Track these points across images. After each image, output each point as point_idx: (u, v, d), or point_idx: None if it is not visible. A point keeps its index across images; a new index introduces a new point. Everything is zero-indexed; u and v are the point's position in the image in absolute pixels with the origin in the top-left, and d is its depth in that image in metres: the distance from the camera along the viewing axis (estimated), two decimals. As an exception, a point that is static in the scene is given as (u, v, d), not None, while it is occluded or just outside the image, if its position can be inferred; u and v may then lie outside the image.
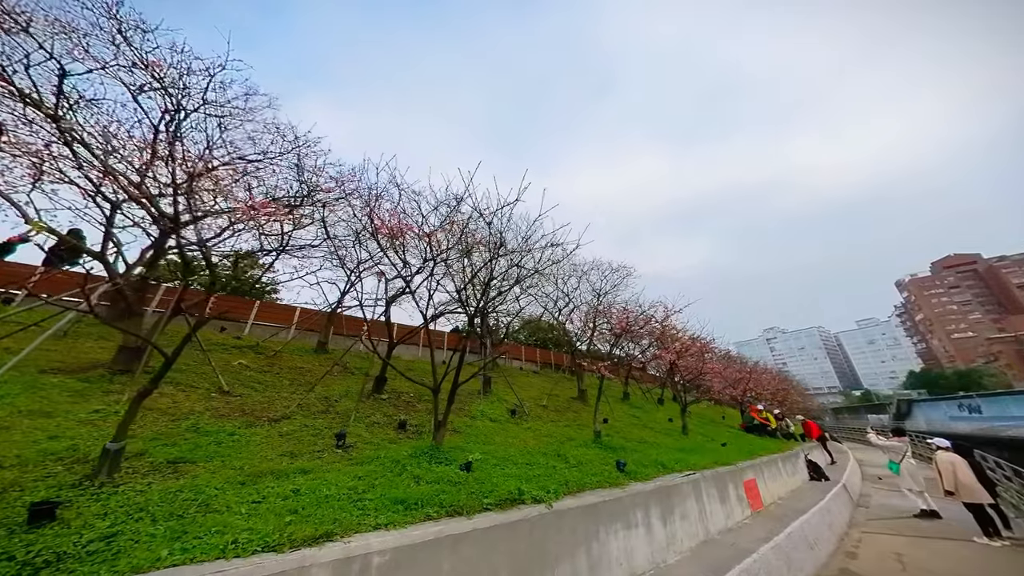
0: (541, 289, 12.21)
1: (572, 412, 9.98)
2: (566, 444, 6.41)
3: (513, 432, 6.86)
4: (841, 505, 7.96)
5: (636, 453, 6.29)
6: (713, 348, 11.93)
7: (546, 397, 10.39)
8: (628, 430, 8.90)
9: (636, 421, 10.35)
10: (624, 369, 13.94)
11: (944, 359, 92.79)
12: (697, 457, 6.56)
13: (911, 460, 8.67)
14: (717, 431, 11.36)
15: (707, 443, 8.56)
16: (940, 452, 7.17)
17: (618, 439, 7.54)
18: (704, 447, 7.68)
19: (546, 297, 12.38)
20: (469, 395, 9.44)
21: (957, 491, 6.74)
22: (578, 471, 4.72)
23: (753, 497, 6.39)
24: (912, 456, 8.67)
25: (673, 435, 9.23)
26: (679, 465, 5.61)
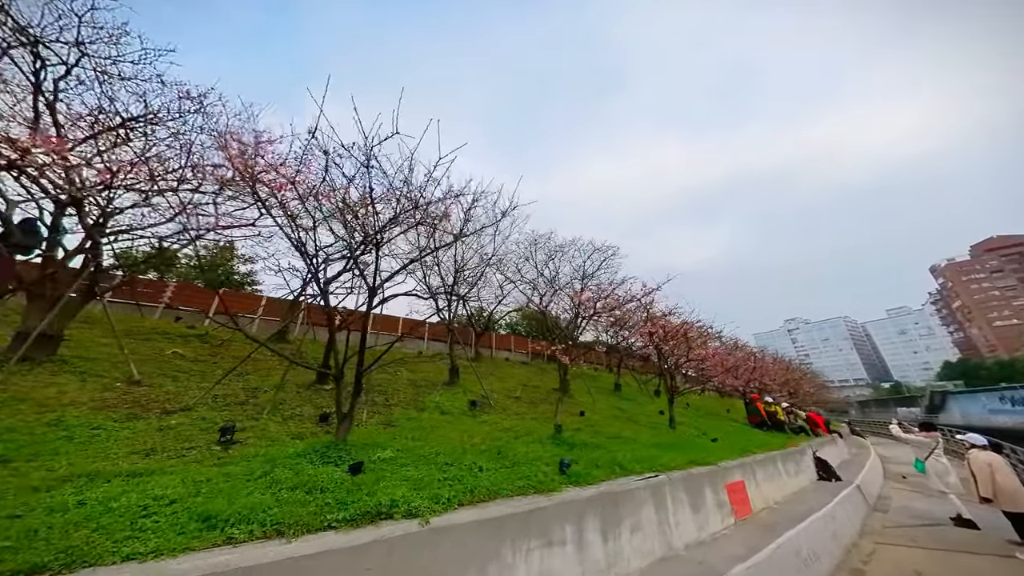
0: (523, 274, 11.36)
1: (548, 404, 9.14)
2: (518, 440, 5.60)
3: (464, 426, 6.11)
4: (852, 510, 6.87)
5: (599, 451, 5.42)
6: (707, 333, 10.78)
7: (521, 388, 9.59)
8: (607, 424, 8.01)
9: (620, 414, 9.43)
10: (616, 358, 12.96)
11: (984, 348, 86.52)
12: (673, 455, 5.63)
13: (941, 458, 7.42)
14: (715, 425, 10.31)
15: (695, 439, 7.59)
16: (975, 451, 5.98)
17: (588, 434, 6.68)
18: (689, 443, 6.73)
19: (528, 282, 11.52)
20: (432, 385, 8.74)
21: (996, 497, 5.58)
22: (507, 473, 3.91)
23: (739, 502, 5.42)
24: (944, 453, 7.43)
25: (659, 429, 8.28)
26: (641, 466, 4.71)
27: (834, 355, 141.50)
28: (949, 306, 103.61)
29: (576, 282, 10.87)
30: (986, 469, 5.68)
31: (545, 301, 11.17)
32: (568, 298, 11.03)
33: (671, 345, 9.03)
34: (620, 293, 8.67)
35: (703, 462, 5.50)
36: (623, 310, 8.97)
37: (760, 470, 6.39)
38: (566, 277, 11.37)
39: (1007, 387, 41.13)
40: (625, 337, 11.87)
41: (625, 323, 11.31)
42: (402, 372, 9.59)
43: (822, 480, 8.51)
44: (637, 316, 10.16)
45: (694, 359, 9.40)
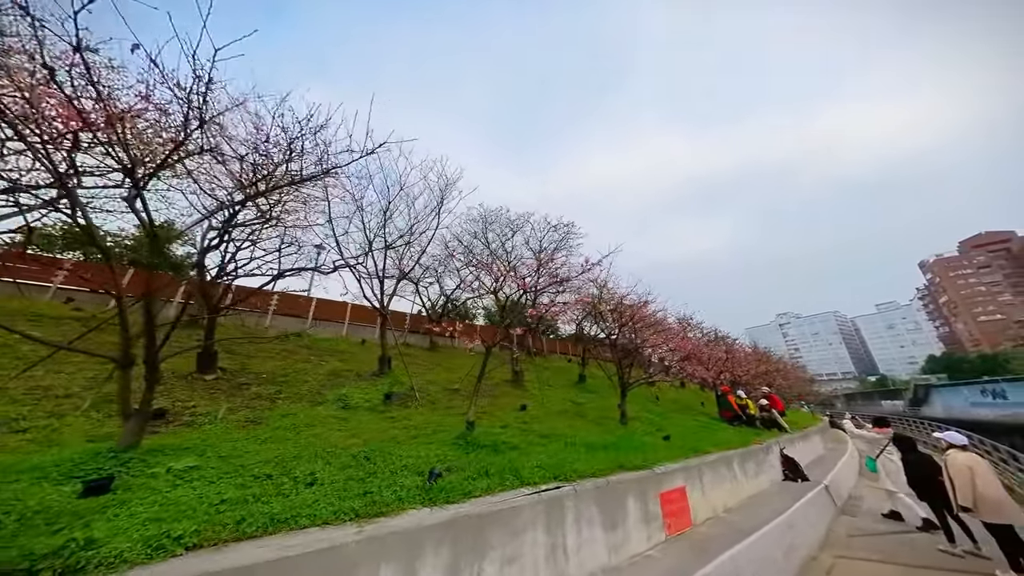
0: (476, 254, 10.32)
1: (490, 398, 8.22)
2: (414, 441, 4.66)
3: (357, 424, 5.14)
4: (815, 515, 6.07)
5: (506, 455, 4.49)
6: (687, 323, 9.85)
7: (460, 381, 8.64)
8: (547, 420, 7.10)
9: (572, 408, 8.54)
10: (581, 348, 12.06)
11: (968, 343, 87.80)
12: (603, 457, 4.72)
13: (893, 456, 6.78)
14: (679, 421, 9.47)
15: (646, 436, 6.72)
16: (953, 452, 5.15)
17: (513, 432, 5.76)
18: (633, 442, 5.84)
19: (482, 265, 10.47)
20: (358, 376, 7.76)
21: (976, 506, 4.77)
22: (344, 487, 2.95)
23: (675, 513, 4.54)
24: (894, 451, 6.86)
25: (607, 426, 7.40)
26: (545, 473, 3.77)
27: (823, 349, 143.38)
28: (936, 301, 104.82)
29: (533, 261, 9.87)
30: (966, 473, 4.85)
31: (500, 284, 10.17)
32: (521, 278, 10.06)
33: (625, 326, 8.10)
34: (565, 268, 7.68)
35: (636, 466, 4.60)
36: (566, 286, 7.98)
37: (710, 473, 5.52)
38: (525, 260, 10.36)
39: (988, 380, 41.39)
40: (587, 325, 10.93)
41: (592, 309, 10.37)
42: (328, 360, 8.59)
43: (788, 480, 7.72)
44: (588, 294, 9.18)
45: (654, 345, 8.50)
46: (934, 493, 5.51)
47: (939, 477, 5.29)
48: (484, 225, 9.88)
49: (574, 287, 8.53)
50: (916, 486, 5.86)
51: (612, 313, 7.98)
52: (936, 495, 5.48)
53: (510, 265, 9.86)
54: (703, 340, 17.90)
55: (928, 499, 5.67)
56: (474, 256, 10.28)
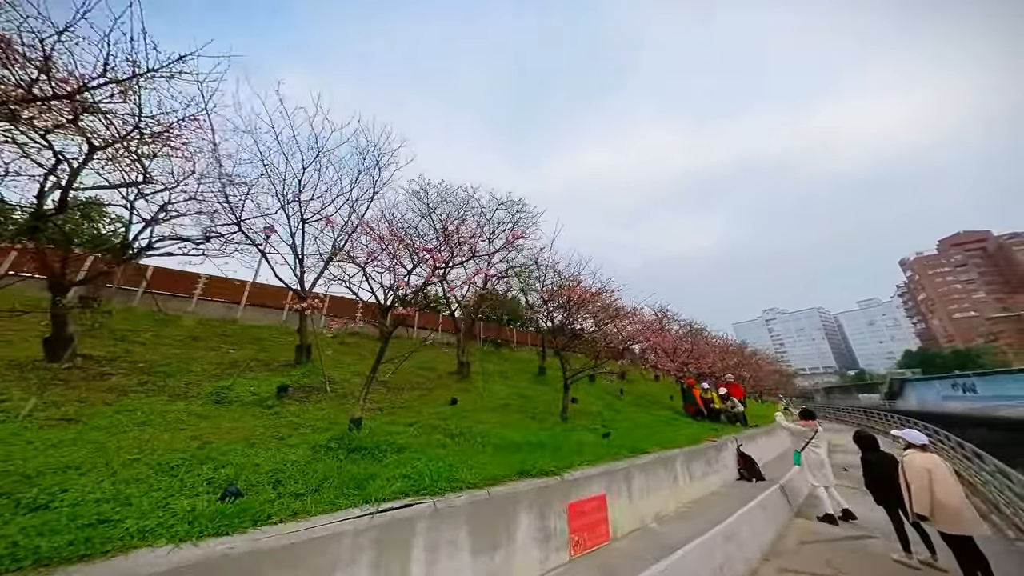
0: (421, 233, 9.40)
1: (422, 391, 7.42)
2: (277, 443, 3.83)
3: (224, 421, 4.27)
4: (765, 520, 5.46)
5: (391, 457, 3.71)
6: (614, 303, 9.15)
7: (390, 373, 7.81)
8: (478, 415, 6.34)
9: (516, 402, 7.81)
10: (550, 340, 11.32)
11: (943, 339, 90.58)
12: (507, 461, 3.97)
13: (817, 449, 6.45)
14: (635, 416, 8.84)
15: (582, 434, 6.02)
16: (911, 452, 4.54)
17: (419, 431, 4.98)
18: (561, 441, 5.12)
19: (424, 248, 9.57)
20: (265, 367, 6.85)
21: (933, 514, 4.18)
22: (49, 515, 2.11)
23: (587, 528, 3.83)
24: (818, 444, 6.57)
25: (546, 422, 6.68)
26: (398, 486, 2.97)
27: (807, 344, 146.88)
28: (915, 298, 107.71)
29: (481, 241, 9.02)
30: (923, 476, 4.24)
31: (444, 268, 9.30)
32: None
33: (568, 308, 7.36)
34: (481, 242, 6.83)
35: (543, 471, 3.85)
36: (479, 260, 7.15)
37: (642, 476, 4.83)
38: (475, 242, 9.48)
39: (959, 375, 42.41)
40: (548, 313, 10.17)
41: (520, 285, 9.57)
42: (244, 348, 7.66)
43: (743, 480, 7.15)
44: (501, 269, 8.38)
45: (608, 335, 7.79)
46: (890, 496, 4.95)
47: (896, 479, 4.72)
48: (427, 202, 8.90)
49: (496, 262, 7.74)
50: (873, 488, 5.30)
51: (543, 292, 7.20)
52: (892, 498, 4.92)
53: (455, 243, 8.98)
54: (679, 332, 17.43)
55: (884, 503, 5.11)
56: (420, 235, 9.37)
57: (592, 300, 7.57)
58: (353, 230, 7.09)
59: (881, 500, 5.18)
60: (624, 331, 14.11)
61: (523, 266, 8.61)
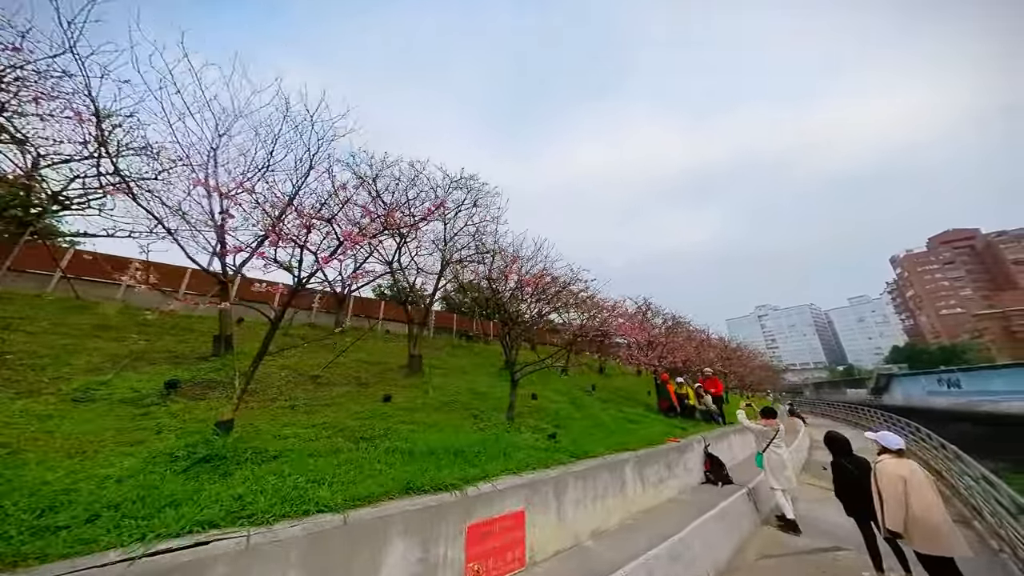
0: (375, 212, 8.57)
1: (358, 387, 6.69)
2: (114, 451, 3.08)
3: (66, 423, 3.51)
4: (719, 535, 4.84)
5: (251, 469, 2.99)
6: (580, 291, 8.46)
7: (323, 367, 7.06)
8: (408, 415, 5.63)
9: (465, 399, 7.10)
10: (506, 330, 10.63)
11: (930, 335, 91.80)
12: (403, 472, 3.28)
13: (778, 449, 5.92)
14: (594, 414, 8.19)
15: (524, 435, 5.34)
16: (886, 458, 3.93)
17: (323, 432, 4.26)
18: (491, 444, 4.44)
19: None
20: (165, 360, 6.07)
21: (908, 531, 3.57)
22: None
23: (493, 553, 3.15)
24: (779, 443, 6.02)
25: (490, 420, 5.99)
26: (209, 512, 2.25)
27: (799, 340, 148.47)
28: (903, 295, 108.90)
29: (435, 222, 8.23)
30: (898, 486, 3.63)
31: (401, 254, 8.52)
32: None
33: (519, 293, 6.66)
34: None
35: (440, 485, 3.15)
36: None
37: (579, 486, 4.16)
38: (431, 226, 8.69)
39: (945, 370, 42.73)
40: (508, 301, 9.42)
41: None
42: (161, 340, 6.85)
43: (709, 484, 6.56)
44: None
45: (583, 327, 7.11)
46: (862, 506, 4.36)
47: (869, 487, 4.11)
48: (362, 175, 7.91)
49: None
50: (844, 496, 4.71)
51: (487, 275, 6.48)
52: (864, 509, 4.33)
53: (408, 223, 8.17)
54: (664, 325, 16.84)
55: (855, 514, 4.52)
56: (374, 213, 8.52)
57: (539, 283, 6.83)
58: (284, 208, 6.28)
59: (852, 510, 4.59)
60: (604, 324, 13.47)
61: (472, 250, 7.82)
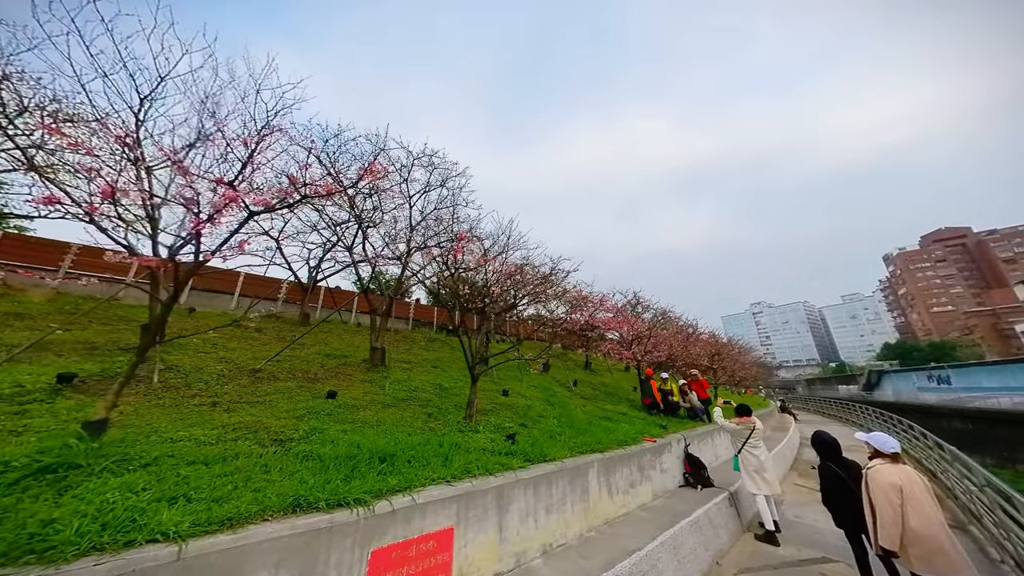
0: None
1: (306, 382, 6.07)
2: None
3: None
4: (692, 548, 4.31)
5: (102, 480, 2.38)
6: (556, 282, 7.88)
7: (266, 361, 6.43)
8: (360, 413, 5.05)
9: (429, 395, 6.52)
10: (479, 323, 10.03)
11: (921, 332, 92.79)
12: (308, 480, 2.69)
13: (755, 450, 5.42)
14: (567, 412, 7.66)
15: (477, 437, 4.77)
16: (878, 463, 3.41)
17: (237, 436, 3.65)
18: (429, 448, 3.87)
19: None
20: (83, 351, 5.42)
21: (905, 550, 3.06)
22: None
23: (407, 582, 2.58)
24: (756, 443, 5.45)
25: (446, 419, 5.42)
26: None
27: (792, 337, 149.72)
28: (896, 293, 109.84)
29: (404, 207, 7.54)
30: (893, 497, 3.11)
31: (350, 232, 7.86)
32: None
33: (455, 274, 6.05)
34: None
35: (339, 500, 2.57)
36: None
37: (527, 495, 3.60)
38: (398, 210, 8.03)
39: (935, 366, 42.89)
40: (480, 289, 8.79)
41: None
42: (85, 329, 6.18)
43: (688, 486, 6.05)
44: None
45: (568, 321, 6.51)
46: (852, 516, 3.86)
47: (858, 494, 3.59)
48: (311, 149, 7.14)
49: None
50: (832, 505, 4.18)
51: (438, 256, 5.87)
52: (855, 519, 3.82)
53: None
54: (653, 320, 16.36)
55: (845, 526, 4.01)
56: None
57: (505, 270, 6.22)
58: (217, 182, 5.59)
59: (841, 521, 4.08)
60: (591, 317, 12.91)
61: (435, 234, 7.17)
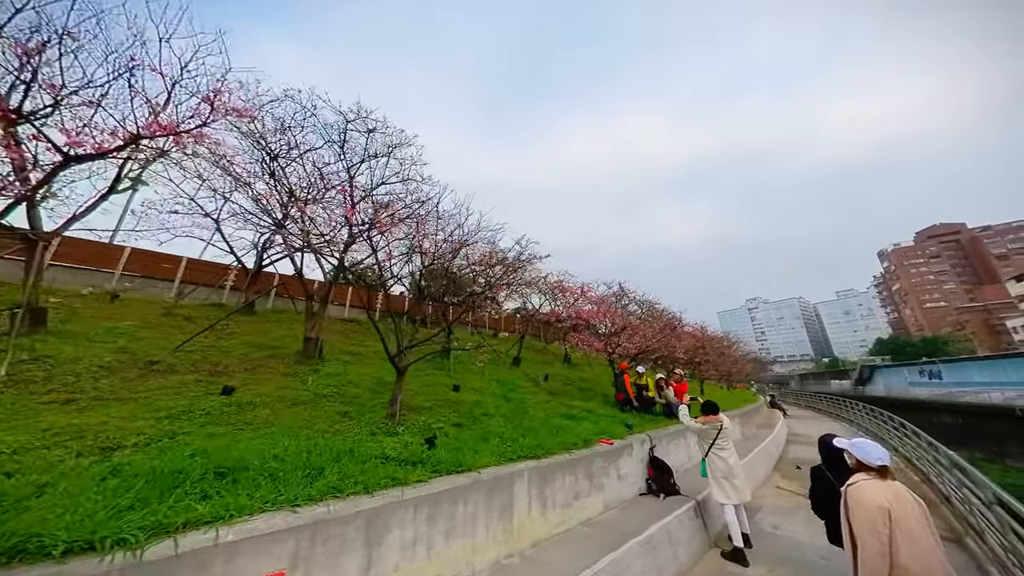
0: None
1: (206, 376, 5.25)
2: None
3: None
4: (645, 569, 3.59)
5: None
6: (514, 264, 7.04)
7: (169, 351, 5.59)
8: (257, 412, 4.25)
9: (358, 391, 5.73)
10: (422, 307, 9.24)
11: (913, 328, 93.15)
12: (98, 505, 1.89)
13: (723, 452, 4.64)
14: (522, 410, 6.90)
15: (387, 441, 4.01)
16: (861, 479, 2.66)
17: (60, 442, 2.84)
18: (301, 457, 3.10)
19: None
20: None
21: (894, 590, 2.31)
22: None
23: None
24: (725, 444, 4.69)
25: (364, 420, 4.63)
26: None
27: (787, 333, 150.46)
28: (889, 289, 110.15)
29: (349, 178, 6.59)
30: (879, 526, 2.36)
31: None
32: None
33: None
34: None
35: (95, 540, 1.78)
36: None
37: (418, 518, 2.82)
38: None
39: (927, 361, 42.80)
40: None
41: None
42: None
43: (651, 494, 5.32)
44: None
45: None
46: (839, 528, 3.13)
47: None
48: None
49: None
50: (825, 515, 3.39)
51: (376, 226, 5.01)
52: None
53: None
54: (639, 312, 15.61)
55: (838, 541, 3.26)
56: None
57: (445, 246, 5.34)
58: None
59: (836, 536, 3.34)
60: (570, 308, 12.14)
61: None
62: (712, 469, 4.65)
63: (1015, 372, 31.26)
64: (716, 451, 4.64)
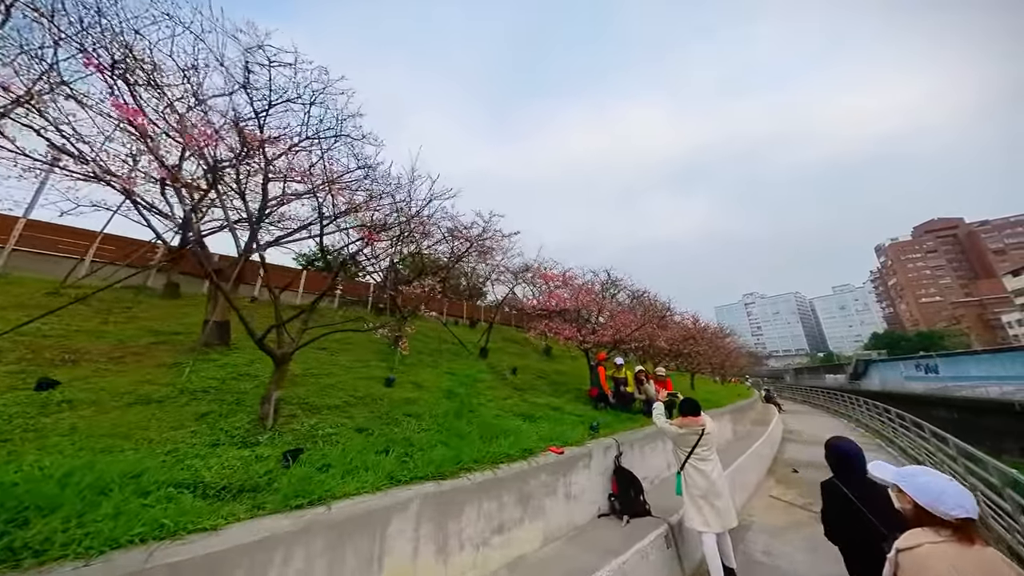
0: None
1: (40, 367, 4.09)
2: None
3: None
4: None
5: None
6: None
7: (58, 337, 4.41)
8: (89, 411, 3.10)
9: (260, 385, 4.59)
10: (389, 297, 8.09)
11: (908, 322, 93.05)
12: None
13: (704, 464, 3.57)
14: (474, 408, 5.79)
15: (255, 455, 2.91)
16: (927, 544, 1.59)
17: None
18: (117, 477, 2.02)
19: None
20: None
21: None
22: None
23: None
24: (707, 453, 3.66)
25: (228, 427, 3.50)
26: None
27: (782, 327, 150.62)
28: (886, 283, 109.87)
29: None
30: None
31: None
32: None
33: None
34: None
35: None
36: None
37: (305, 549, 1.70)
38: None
39: (923, 356, 42.24)
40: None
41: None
42: None
43: (612, 515, 4.23)
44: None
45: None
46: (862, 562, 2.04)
47: (883, 543, 1.73)
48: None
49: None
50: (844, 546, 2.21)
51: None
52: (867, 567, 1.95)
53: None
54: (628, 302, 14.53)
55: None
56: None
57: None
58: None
59: (859, 570, 2.22)
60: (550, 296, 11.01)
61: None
62: (688, 486, 3.57)
63: (1013, 366, 30.66)
64: (695, 462, 3.55)
